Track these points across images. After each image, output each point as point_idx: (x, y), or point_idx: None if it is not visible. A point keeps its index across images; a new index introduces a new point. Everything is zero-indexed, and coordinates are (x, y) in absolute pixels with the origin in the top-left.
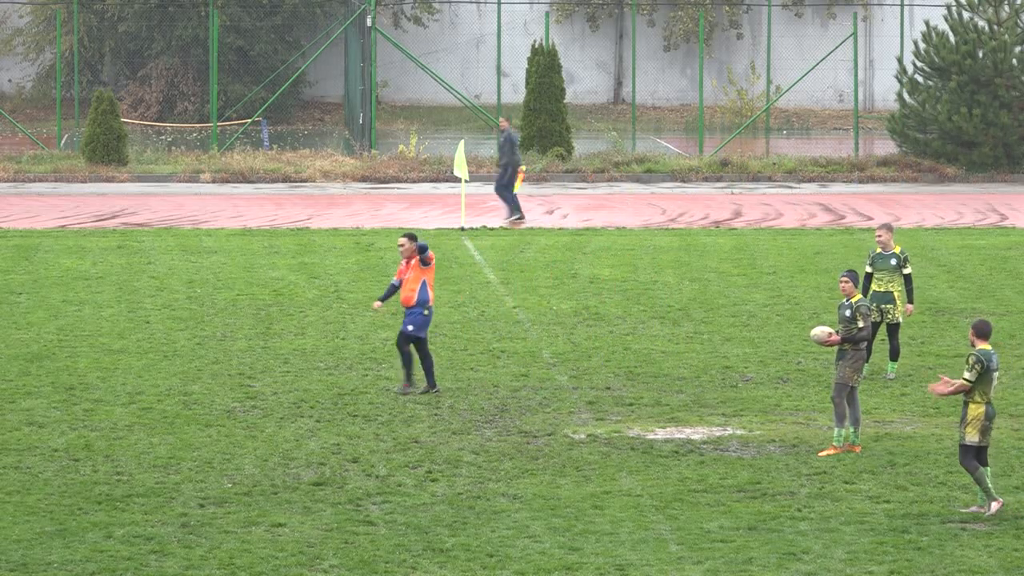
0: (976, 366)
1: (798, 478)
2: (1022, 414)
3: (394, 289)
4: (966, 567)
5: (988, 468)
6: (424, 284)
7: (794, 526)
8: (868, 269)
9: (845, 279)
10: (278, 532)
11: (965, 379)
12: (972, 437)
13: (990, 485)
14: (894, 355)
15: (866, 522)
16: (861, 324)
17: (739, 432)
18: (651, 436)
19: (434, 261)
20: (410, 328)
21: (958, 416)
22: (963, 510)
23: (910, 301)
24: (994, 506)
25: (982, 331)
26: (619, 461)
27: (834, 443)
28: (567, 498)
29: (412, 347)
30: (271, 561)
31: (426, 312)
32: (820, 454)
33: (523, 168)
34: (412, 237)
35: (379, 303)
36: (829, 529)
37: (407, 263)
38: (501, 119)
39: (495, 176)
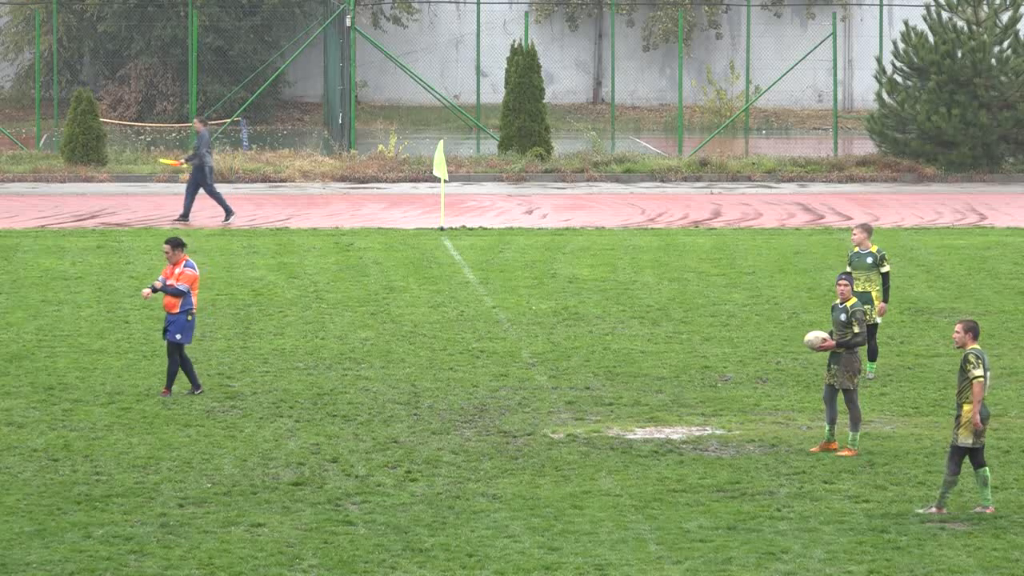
0: (979, 363)
1: (777, 478)
2: (1001, 414)
3: (163, 284)
4: (945, 566)
5: (987, 468)
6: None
7: (773, 526)
8: (848, 269)
9: (844, 282)
10: (257, 532)
11: (977, 376)
12: (965, 439)
13: (949, 493)
14: (872, 355)
15: (845, 522)
16: (857, 330)
17: (718, 432)
18: (630, 436)
19: (194, 281)
20: (178, 337)
21: (937, 415)
22: (972, 510)
23: (885, 300)
24: (934, 511)
25: (975, 330)
26: (598, 461)
27: (849, 446)
28: (546, 498)
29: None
30: (250, 561)
31: (189, 318)
32: (846, 453)
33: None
34: (173, 244)
35: (149, 292)
36: (808, 529)
37: (172, 268)
38: (196, 120)
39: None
